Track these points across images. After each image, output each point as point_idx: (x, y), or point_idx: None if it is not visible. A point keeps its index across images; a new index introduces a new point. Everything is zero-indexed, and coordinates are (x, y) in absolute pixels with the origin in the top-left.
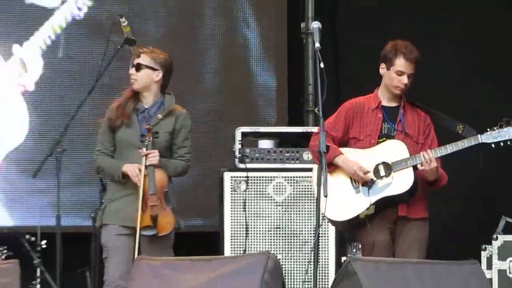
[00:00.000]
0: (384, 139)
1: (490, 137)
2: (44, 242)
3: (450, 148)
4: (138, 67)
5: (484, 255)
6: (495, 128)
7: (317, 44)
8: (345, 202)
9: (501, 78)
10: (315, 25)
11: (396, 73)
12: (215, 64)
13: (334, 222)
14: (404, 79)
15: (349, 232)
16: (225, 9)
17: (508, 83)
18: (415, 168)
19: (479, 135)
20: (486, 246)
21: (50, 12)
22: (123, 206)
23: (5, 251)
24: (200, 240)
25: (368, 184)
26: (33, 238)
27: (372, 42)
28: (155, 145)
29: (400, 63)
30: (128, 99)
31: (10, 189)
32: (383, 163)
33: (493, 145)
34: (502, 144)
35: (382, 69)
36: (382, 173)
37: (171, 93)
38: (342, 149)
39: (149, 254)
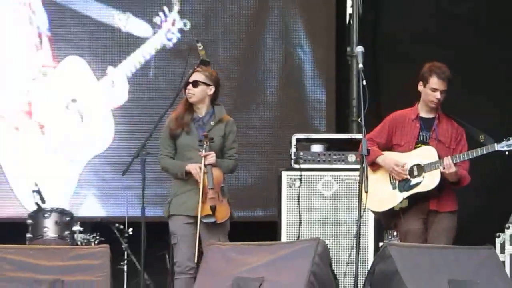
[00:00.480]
0: (420, 145)
1: (505, 145)
2: (130, 229)
3: (469, 155)
4: (195, 84)
5: (498, 241)
6: (510, 138)
7: (360, 65)
8: (384, 196)
9: None
10: (359, 49)
11: (431, 90)
12: (276, 82)
13: (374, 212)
14: (437, 95)
15: (387, 221)
16: (284, 36)
17: None
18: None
19: (495, 144)
20: (500, 234)
21: (142, 41)
22: (186, 199)
23: (97, 238)
24: (261, 228)
25: (402, 181)
26: (121, 226)
27: (402, 65)
28: (211, 148)
29: (434, 81)
30: (185, 111)
31: (102, 185)
32: (417, 164)
33: (507, 153)
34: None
35: (420, 86)
36: (415, 173)
37: (221, 104)
38: (385, 152)
39: (208, 239)
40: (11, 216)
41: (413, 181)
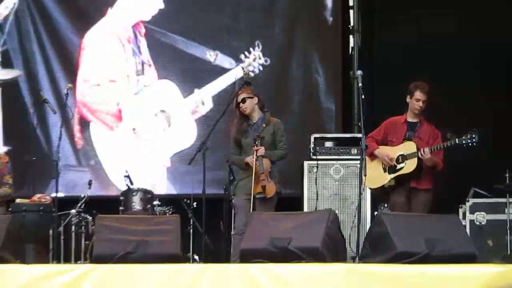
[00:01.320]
0: (405, 141)
1: (463, 140)
2: (195, 203)
3: (439, 146)
4: (244, 100)
5: (461, 211)
6: (468, 135)
7: (360, 84)
8: (378, 177)
9: None
10: (359, 72)
11: (415, 100)
12: (299, 95)
13: (371, 189)
14: (420, 104)
15: (380, 196)
16: (305, 64)
17: None
18: (419, 158)
19: (457, 139)
20: (462, 205)
21: (226, 70)
22: (246, 182)
23: (171, 209)
24: (288, 202)
25: (391, 167)
26: (188, 201)
27: (393, 85)
28: (262, 144)
29: (418, 94)
30: (242, 120)
31: (175, 171)
32: (401, 154)
33: (464, 145)
34: (470, 144)
35: (408, 98)
36: (400, 160)
37: (268, 111)
38: (381, 147)
39: (260, 210)
40: (108, 194)
41: (398, 166)
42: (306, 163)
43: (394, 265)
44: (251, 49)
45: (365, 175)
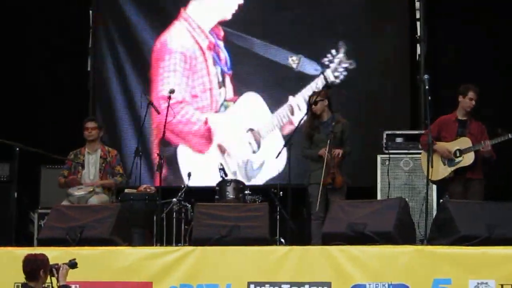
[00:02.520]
0: (459, 137)
1: None
2: (281, 192)
3: (497, 139)
4: (315, 103)
5: None
6: None
7: (427, 87)
8: (438, 170)
9: None
10: (426, 77)
11: (469, 99)
12: (374, 95)
13: (432, 182)
14: (473, 102)
15: (443, 186)
16: (379, 67)
17: None
18: (476, 151)
19: (509, 134)
20: None
21: (312, 78)
22: (318, 173)
23: (260, 198)
24: (364, 191)
25: (450, 160)
26: (275, 191)
27: (451, 86)
28: (335, 141)
29: (471, 94)
30: (313, 120)
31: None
32: (458, 149)
33: None
34: None
35: (460, 98)
36: (457, 154)
37: (338, 111)
38: (438, 143)
39: (331, 198)
40: (205, 185)
41: (456, 160)
42: (379, 157)
43: (458, 247)
44: (333, 51)
45: (432, 167)
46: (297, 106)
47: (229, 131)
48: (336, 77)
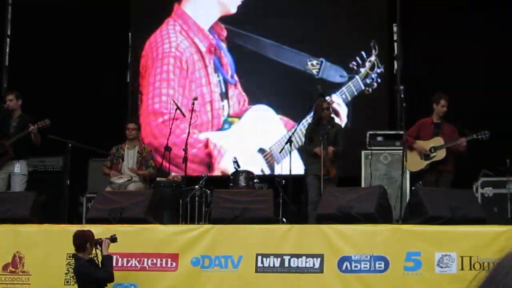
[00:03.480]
0: (434, 136)
1: (479, 135)
2: (283, 181)
3: (468, 138)
4: (327, 109)
5: (474, 186)
6: (482, 132)
7: (402, 95)
8: (416, 163)
9: None
10: (401, 87)
11: (441, 106)
12: (362, 101)
13: (412, 172)
14: (445, 109)
15: (420, 176)
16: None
17: None
18: (447, 148)
19: (474, 134)
20: (475, 182)
21: (338, 85)
22: (315, 166)
23: (266, 185)
24: (350, 180)
25: (426, 155)
26: (278, 179)
27: (425, 95)
28: (328, 140)
29: (443, 101)
30: (317, 123)
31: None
32: (433, 146)
33: (480, 139)
34: (484, 139)
35: (434, 105)
36: (432, 151)
37: (333, 117)
38: (417, 141)
39: (325, 187)
40: (221, 174)
41: (431, 155)
42: (363, 152)
43: (426, 226)
44: (363, 53)
45: (406, 161)
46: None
47: (235, 153)
48: (368, 84)
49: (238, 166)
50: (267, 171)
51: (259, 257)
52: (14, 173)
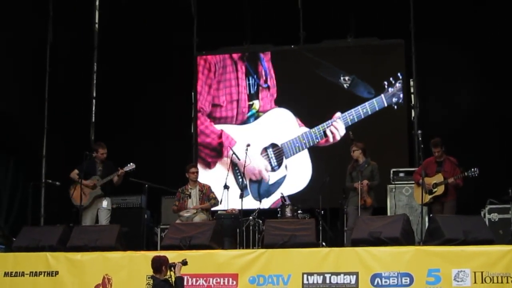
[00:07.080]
0: (437, 173)
1: (469, 173)
2: (322, 211)
3: (458, 176)
4: (354, 151)
5: (482, 213)
6: (470, 170)
7: (420, 138)
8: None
9: None
10: (419, 132)
11: (433, 152)
12: (385, 148)
13: (421, 204)
14: (436, 153)
15: (428, 207)
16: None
17: None
18: (445, 184)
19: (465, 173)
20: (483, 209)
21: (365, 100)
22: (353, 199)
23: (308, 215)
24: (379, 210)
25: (430, 190)
26: (318, 210)
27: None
28: (363, 177)
29: (432, 149)
30: (354, 163)
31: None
32: (435, 182)
33: (470, 176)
34: (472, 176)
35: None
36: (434, 187)
37: (369, 157)
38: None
39: (363, 215)
40: (271, 207)
41: (433, 190)
42: (388, 186)
43: (444, 246)
44: (391, 79)
45: (426, 193)
46: (334, 128)
47: (250, 144)
48: (394, 103)
49: (285, 200)
50: (274, 163)
51: (305, 276)
52: (101, 208)
